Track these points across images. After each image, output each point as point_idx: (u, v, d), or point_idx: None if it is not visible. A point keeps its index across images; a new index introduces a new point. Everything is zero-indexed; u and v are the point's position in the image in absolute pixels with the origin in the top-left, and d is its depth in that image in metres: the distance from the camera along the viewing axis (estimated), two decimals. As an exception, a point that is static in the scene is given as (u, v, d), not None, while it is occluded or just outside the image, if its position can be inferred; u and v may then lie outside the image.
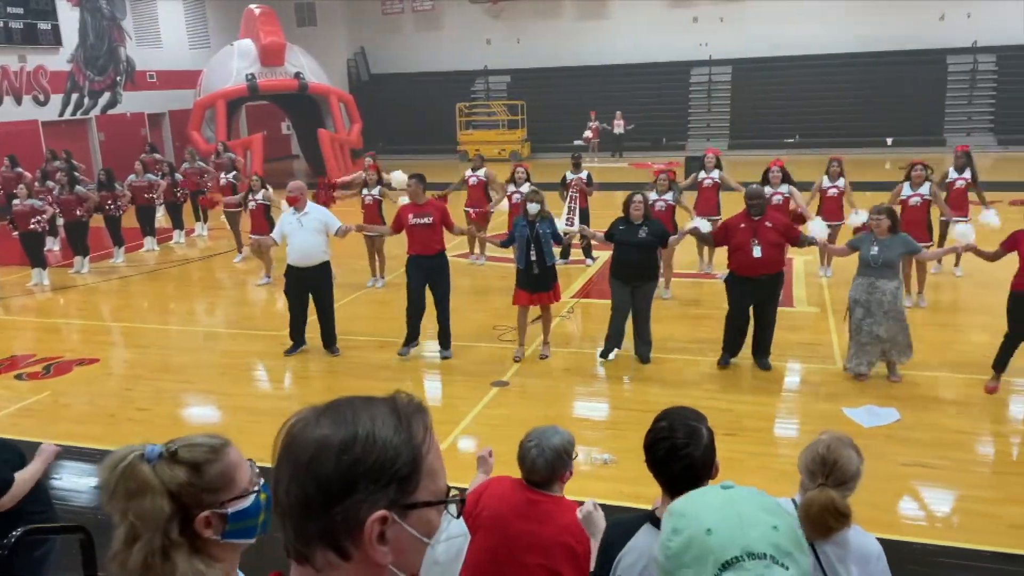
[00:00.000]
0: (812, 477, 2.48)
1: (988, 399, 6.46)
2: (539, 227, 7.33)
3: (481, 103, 27.86)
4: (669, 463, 2.18)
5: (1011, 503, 4.95)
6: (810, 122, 23.58)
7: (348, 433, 1.01)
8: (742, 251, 7.00)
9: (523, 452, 2.83)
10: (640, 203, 7.29)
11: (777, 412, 6.50)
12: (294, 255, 7.76)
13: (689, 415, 2.28)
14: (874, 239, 6.66)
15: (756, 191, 7.20)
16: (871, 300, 6.60)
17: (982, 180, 10.36)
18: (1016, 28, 23.00)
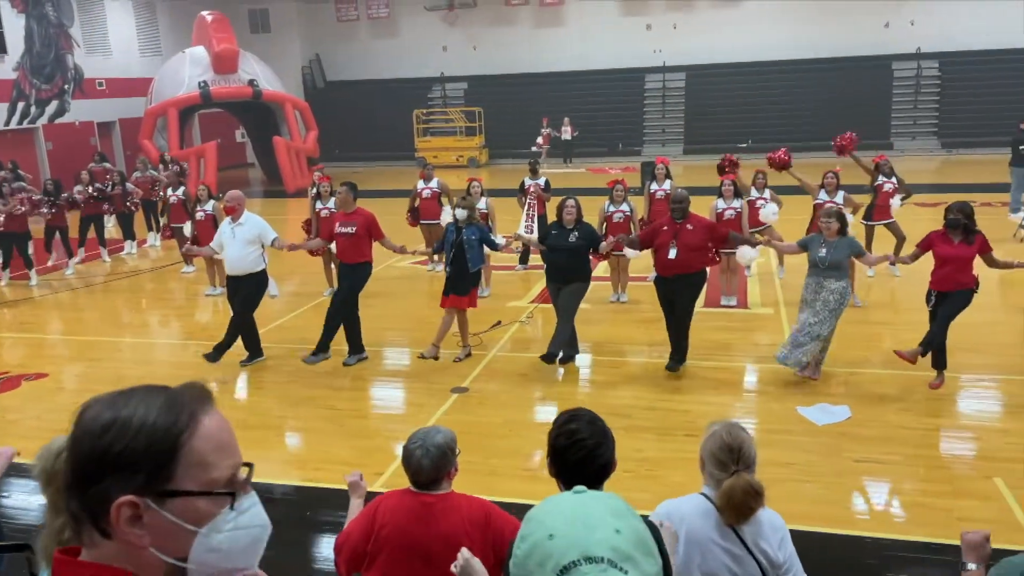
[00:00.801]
0: (723, 466, 2.55)
1: (932, 395, 6.63)
2: (464, 233, 7.38)
3: (438, 110, 27.82)
4: (583, 466, 2.21)
5: (959, 496, 5.09)
6: (762, 127, 24.02)
7: (110, 417, 1.04)
8: (661, 252, 7.17)
9: (407, 455, 2.84)
10: (572, 207, 7.38)
11: (733, 412, 6.58)
12: (228, 265, 7.78)
13: (593, 416, 2.33)
14: (823, 240, 6.81)
15: (680, 195, 7.36)
16: (817, 300, 6.75)
17: (927, 183, 10.66)
18: (958, 35, 23.73)
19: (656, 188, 10.30)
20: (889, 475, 5.40)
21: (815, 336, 6.74)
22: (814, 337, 6.74)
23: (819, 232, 6.96)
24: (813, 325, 6.72)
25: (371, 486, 5.51)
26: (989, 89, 22.97)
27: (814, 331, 6.72)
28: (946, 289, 6.51)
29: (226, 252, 7.73)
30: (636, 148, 25.55)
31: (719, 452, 2.58)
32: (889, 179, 9.96)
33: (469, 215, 7.54)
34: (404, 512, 2.84)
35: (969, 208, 6.54)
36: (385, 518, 2.85)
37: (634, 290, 10.07)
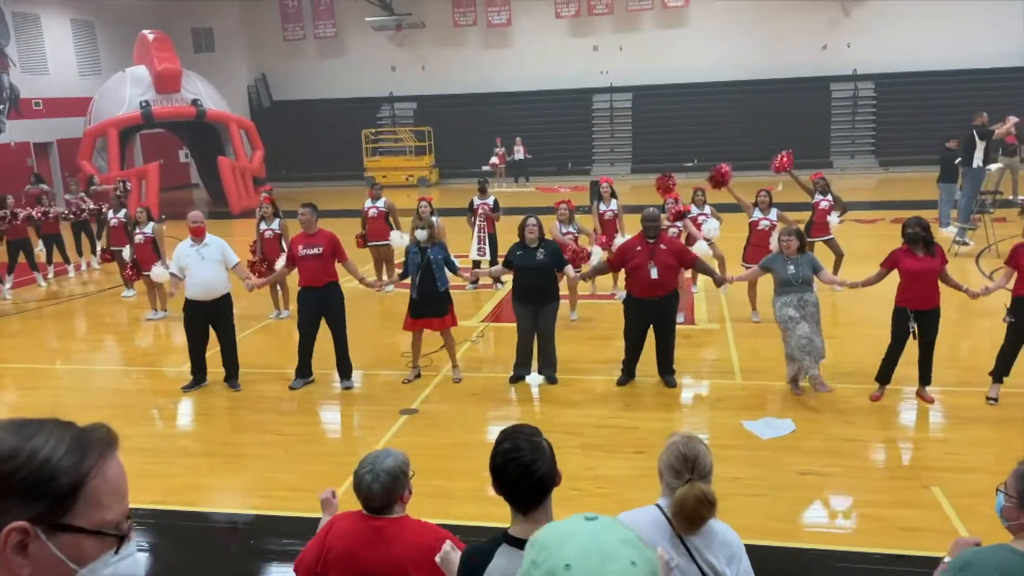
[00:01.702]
0: (678, 475, 2.61)
1: (872, 407, 6.80)
2: (430, 253, 7.35)
3: (387, 129, 27.76)
4: (520, 481, 2.24)
5: (899, 506, 5.22)
6: (707, 146, 24.51)
7: (17, 444, 1.06)
8: (639, 272, 7.19)
9: (358, 480, 2.83)
10: (534, 227, 7.42)
11: (682, 428, 6.65)
12: (196, 288, 7.49)
13: (529, 432, 2.36)
14: (787, 259, 6.97)
15: (653, 215, 7.42)
16: (805, 314, 6.89)
17: (866, 200, 10.99)
18: (892, 57, 24.64)
19: (604, 208, 10.41)
20: (832, 487, 5.51)
21: (821, 347, 6.90)
22: (815, 348, 6.88)
23: (779, 252, 7.10)
24: (816, 336, 6.87)
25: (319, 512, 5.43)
26: (922, 109, 23.86)
27: (818, 343, 6.89)
28: (926, 308, 6.57)
29: (195, 275, 7.46)
30: (585, 167, 25.84)
31: (675, 462, 2.64)
32: (825, 196, 10.26)
33: (431, 235, 7.48)
34: (354, 535, 2.82)
35: (925, 222, 6.71)
36: (335, 540, 2.83)
37: (584, 308, 10.15)
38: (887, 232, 13.66)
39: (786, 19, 25.22)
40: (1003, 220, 13.66)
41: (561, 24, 26.97)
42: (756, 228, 9.48)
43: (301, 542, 5.13)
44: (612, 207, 10.33)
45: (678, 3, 25.81)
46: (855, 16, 25.11)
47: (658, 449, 6.39)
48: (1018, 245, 6.68)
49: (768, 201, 9.49)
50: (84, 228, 14.18)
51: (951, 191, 13.68)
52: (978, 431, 6.26)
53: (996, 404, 6.71)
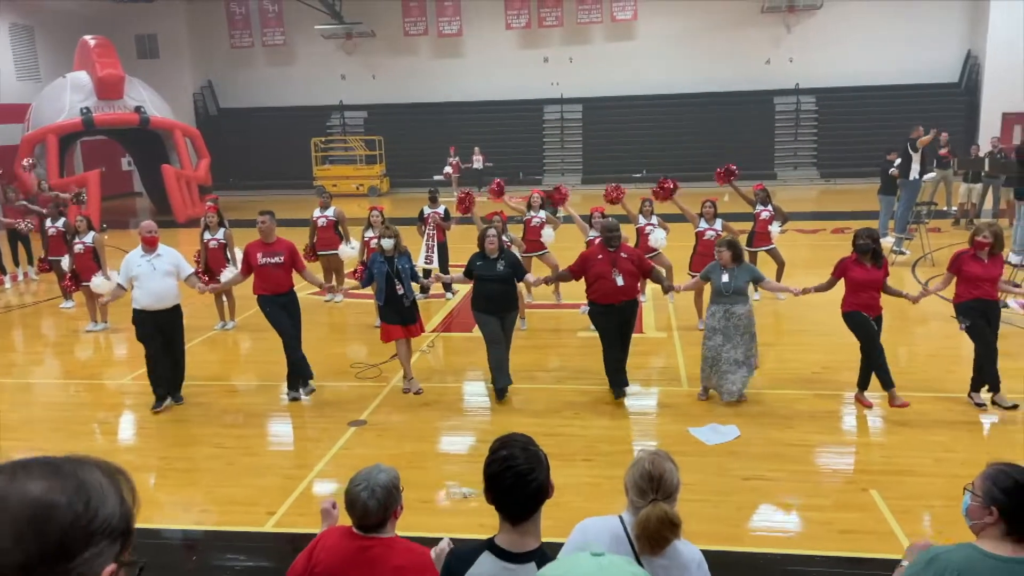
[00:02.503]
0: (643, 494, 2.59)
1: (815, 413, 6.95)
2: (398, 262, 7.32)
3: (337, 138, 27.55)
4: (516, 490, 2.21)
5: (840, 509, 5.34)
6: (655, 157, 24.91)
7: (78, 485, 1.04)
8: (603, 281, 7.26)
9: (353, 497, 2.76)
10: (494, 237, 7.44)
11: (629, 435, 6.73)
12: (147, 299, 7.29)
13: (525, 441, 2.34)
14: (724, 269, 7.10)
15: (612, 224, 7.52)
16: (728, 326, 7.00)
17: (808, 211, 11.24)
18: (832, 72, 25.38)
19: (531, 215, 10.46)
20: (775, 491, 5.62)
21: (737, 362, 6.99)
22: (737, 363, 6.98)
23: (714, 261, 7.25)
24: (730, 351, 6.97)
25: (264, 526, 5.34)
26: (862, 122, 24.61)
27: (731, 357, 6.98)
28: (871, 316, 6.83)
29: (146, 286, 7.25)
30: (537, 177, 25.99)
31: (640, 480, 2.62)
32: (766, 207, 10.50)
33: (396, 244, 7.43)
34: (340, 553, 2.75)
35: (876, 233, 6.93)
36: (320, 556, 2.76)
37: (532, 317, 10.19)
38: (828, 242, 14.05)
39: (731, 34, 25.80)
40: (937, 230, 14.16)
41: (512, 35, 27.14)
42: (702, 238, 9.66)
43: (247, 557, 5.05)
44: (540, 215, 10.40)
45: (626, 16, 26.20)
46: (797, 32, 25.81)
47: (607, 457, 6.47)
48: (959, 252, 6.94)
49: (713, 211, 9.68)
50: (20, 237, 13.72)
51: (890, 203, 14.12)
52: (914, 435, 6.45)
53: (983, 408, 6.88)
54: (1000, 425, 6.78)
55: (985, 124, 23.74)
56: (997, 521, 2.41)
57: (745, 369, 7.07)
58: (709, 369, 7.16)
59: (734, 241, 7.35)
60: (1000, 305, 8.32)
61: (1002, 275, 6.84)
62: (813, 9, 25.30)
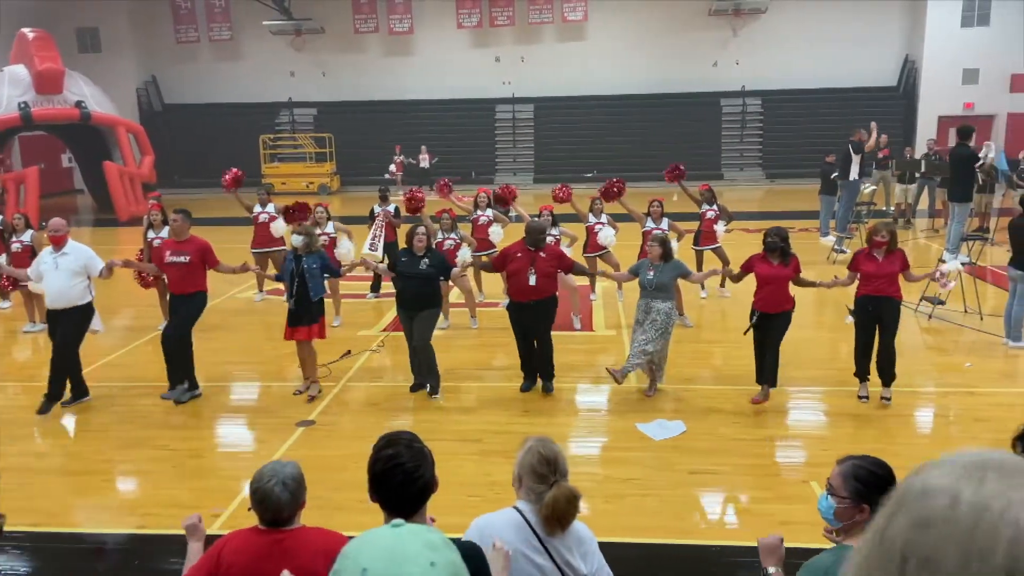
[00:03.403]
0: (542, 478, 2.69)
1: (759, 407, 7.12)
2: (305, 262, 7.25)
3: (286, 135, 27.17)
4: (405, 488, 2.24)
5: (781, 501, 5.48)
6: (606, 157, 25.13)
7: None
8: (517, 278, 7.35)
9: (263, 494, 2.72)
10: (423, 235, 7.42)
11: (577, 432, 6.80)
12: (49, 297, 7.18)
13: (410, 438, 2.37)
14: (651, 265, 7.23)
15: (541, 226, 7.61)
16: (646, 319, 7.17)
17: (753, 211, 11.46)
18: (777, 75, 25.93)
19: (479, 214, 10.49)
20: (720, 485, 5.74)
21: (646, 353, 7.13)
22: (642, 353, 7.13)
23: (647, 257, 7.37)
24: (644, 343, 7.12)
25: (210, 528, 5.21)
26: (805, 125, 25.21)
27: (645, 348, 7.12)
28: (772, 311, 7.00)
29: (47, 284, 7.12)
30: (489, 176, 26.00)
31: (538, 465, 2.70)
32: (711, 207, 10.69)
33: (308, 242, 7.35)
34: (252, 551, 2.71)
35: (785, 232, 7.12)
36: (231, 559, 2.72)
37: (480, 315, 10.20)
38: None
39: (679, 36, 26.17)
40: (876, 230, 14.55)
41: (463, 34, 27.10)
42: (649, 237, 9.77)
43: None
44: (488, 213, 10.44)
45: (577, 17, 26.39)
46: (743, 35, 26.31)
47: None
48: (857, 252, 7.20)
49: (660, 211, 9.82)
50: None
51: (831, 203, 14.49)
52: (851, 427, 6.65)
53: (866, 401, 7.13)
54: (937, 419, 7.04)
55: (922, 127, 24.55)
56: (869, 516, 2.44)
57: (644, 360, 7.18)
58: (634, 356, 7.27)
59: (666, 239, 7.50)
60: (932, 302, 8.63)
61: (903, 271, 7.03)
62: (759, 13, 25.81)
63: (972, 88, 24.46)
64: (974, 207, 14.69)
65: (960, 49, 24.10)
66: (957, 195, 12.34)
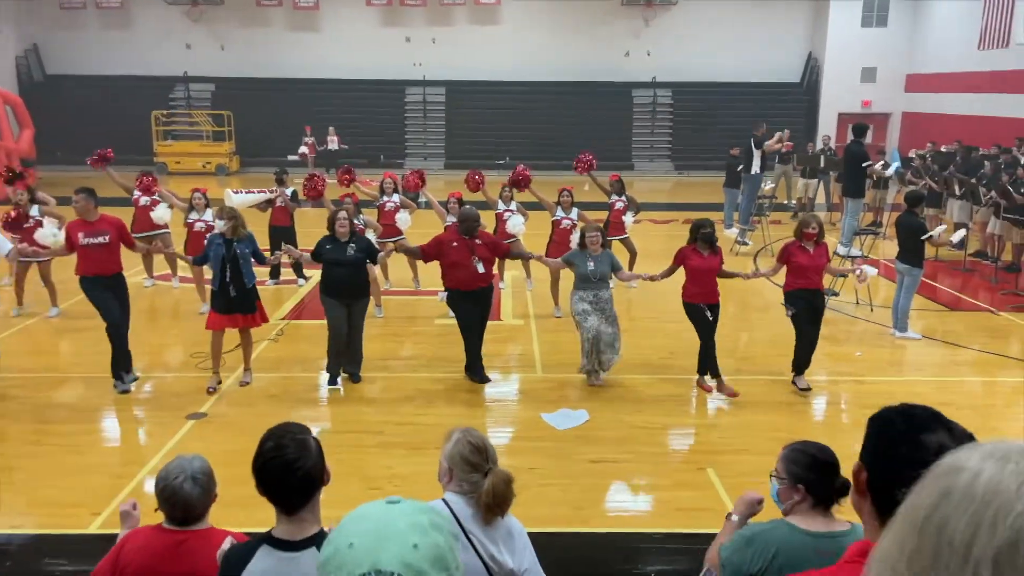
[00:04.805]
0: (476, 467, 2.72)
1: (662, 396, 7.34)
2: (236, 247, 7.05)
3: (182, 112, 26.12)
4: (284, 479, 2.22)
5: (679, 488, 5.69)
6: (519, 145, 25.23)
7: None
8: (461, 267, 7.33)
9: (173, 489, 2.67)
10: (345, 220, 7.33)
11: (483, 422, 6.85)
12: None
13: (295, 429, 2.35)
14: (589, 255, 7.32)
15: (472, 213, 7.59)
16: (599, 309, 7.28)
17: (662, 202, 11.75)
18: (686, 67, 26.62)
19: (385, 199, 10.40)
20: (621, 473, 5.90)
21: (612, 343, 7.27)
22: (611, 344, 7.26)
23: (581, 248, 7.45)
24: (609, 334, 7.24)
25: (88, 528, 5.04)
26: (713, 118, 25.97)
27: (609, 339, 7.24)
28: (711, 302, 7.24)
29: None
30: (399, 161, 25.72)
31: (470, 454, 2.72)
32: (620, 197, 10.92)
33: (235, 226, 7.12)
34: (152, 551, 2.64)
35: (712, 223, 7.36)
36: (130, 556, 2.64)
37: (386, 304, 10.12)
38: (679, 232, 14.76)
39: (592, 24, 26.50)
40: (778, 223, 15.19)
41: (372, 12, 26.64)
42: (558, 227, 9.91)
43: (68, 562, 4.75)
44: (395, 199, 10.36)
45: (490, 0, 26.34)
46: (654, 26, 26.86)
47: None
48: (787, 244, 7.50)
49: (570, 201, 9.96)
50: None
51: (735, 196, 15.02)
52: (748, 416, 6.95)
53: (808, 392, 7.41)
54: (828, 406, 7.43)
55: (823, 123, 25.72)
56: (804, 497, 2.63)
57: (613, 349, 7.36)
58: (592, 349, 7.33)
59: (602, 228, 7.65)
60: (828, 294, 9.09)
61: (827, 264, 7.46)
62: (670, 4, 26.40)
63: (870, 86, 25.76)
64: (868, 202, 15.55)
65: (859, 48, 25.32)
66: (851, 190, 13.01)
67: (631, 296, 10.94)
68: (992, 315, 10.22)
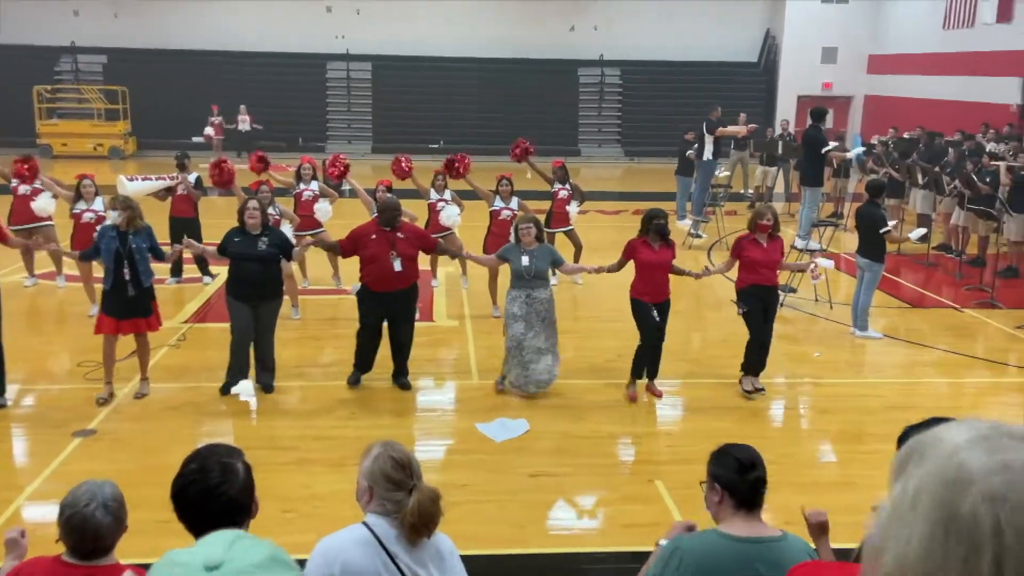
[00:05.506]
0: (400, 484, 2.71)
1: (605, 403, 7.43)
2: (132, 240, 6.87)
3: (69, 87, 25.33)
4: (205, 505, 2.20)
5: (625, 502, 5.77)
6: (454, 127, 25.21)
7: None
8: (377, 263, 7.24)
9: (82, 518, 2.60)
10: (256, 211, 7.22)
11: (410, 435, 6.83)
12: None
13: (222, 452, 2.34)
14: (523, 250, 7.31)
15: (394, 203, 7.52)
16: (530, 312, 7.25)
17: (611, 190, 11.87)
18: (637, 44, 26.94)
19: (302, 188, 10.29)
20: (562, 488, 5.95)
21: (540, 350, 7.24)
22: (541, 351, 7.23)
23: (516, 242, 7.44)
24: (532, 339, 7.21)
25: (-45, 564, 4.85)
26: (665, 99, 26.36)
27: (534, 344, 7.22)
28: (659, 300, 7.30)
29: None
30: (320, 144, 25.41)
31: (393, 471, 2.71)
32: (564, 185, 10.99)
33: (130, 218, 6.93)
34: None
35: (666, 213, 7.43)
36: None
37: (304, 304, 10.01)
38: (629, 224, 14.96)
39: (534, -5, 26.57)
40: (734, 214, 15.51)
41: (288, -23, 26.24)
42: (497, 217, 9.93)
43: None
44: (313, 187, 10.26)
45: (421, -33, 26.21)
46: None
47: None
48: (740, 237, 7.66)
49: (509, 189, 9.98)
50: None
51: (687, 184, 15.28)
52: (699, 422, 7.09)
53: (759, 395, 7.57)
54: (786, 410, 7.63)
55: (782, 106, 26.35)
56: (724, 499, 2.76)
57: (551, 356, 7.37)
58: (511, 359, 7.38)
59: (538, 219, 7.64)
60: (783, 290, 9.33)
61: (783, 259, 7.65)
62: (618, -26, 26.68)
63: (831, 68, 26.48)
64: (829, 192, 16.00)
65: (820, 27, 25.99)
66: (809, 178, 13.37)
67: (576, 293, 11.05)
68: (956, 312, 10.63)
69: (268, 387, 7.48)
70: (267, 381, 7.50)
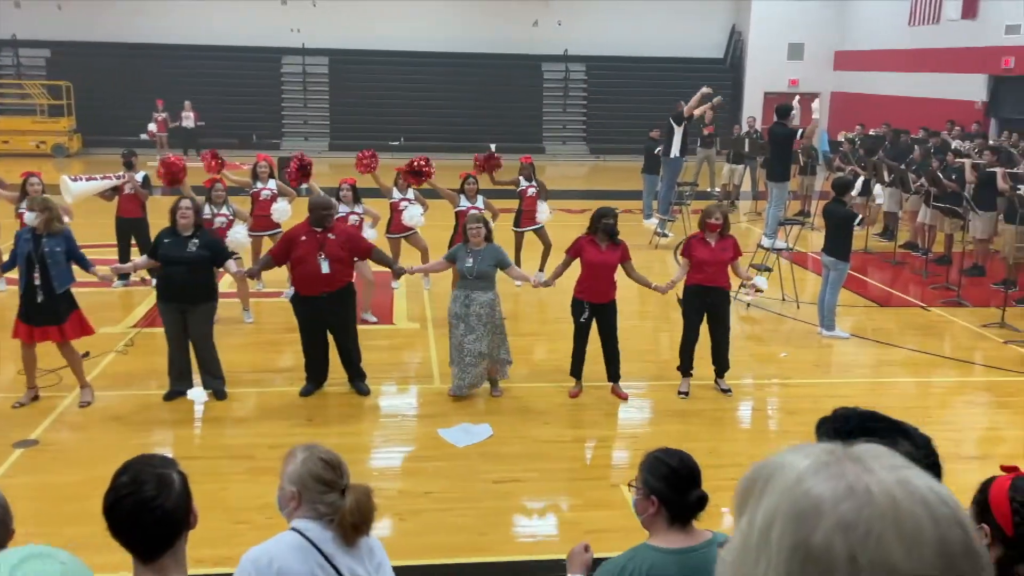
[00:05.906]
0: (331, 485, 2.71)
1: (571, 407, 7.46)
2: (46, 243, 6.76)
3: (10, 82, 24.87)
4: (138, 520, 2.17)
5: (589, 508, 5.80)
6: (414, 124, 25.12)
7: None
8: (305, 265, 7.15)
9: None
10: (188, 210, 7.09)
11: (372, 441, 6.80)
12: None
13: (156, 462, 2.31)
14: (469, 250, 7.28)
15: (325, 201, 7.45)
16: (469, 314, 7.20)
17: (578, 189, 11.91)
18: (602, 39, 27.07)
19: (259, 187, 10.18)
20: (526, 493, 5.96)
21: (478, 354, 7.20)
22: (478, 356, 7.20)
23: (464, 242, 7.41)
24: (473, 343, 7.17)
25: None
26: (631, 95, 26.51)
27: (475, 349, 7.18)
28: (603, 301, 7.32)
29: None
30: (274, 141, 25.18)
31: (324, 472, 2.70)
32: (531, 183, 11.00)
33: (47, 220, 6.79)
34: None
35: (616, 212, 7.45)
36: None
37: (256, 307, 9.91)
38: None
39: (496, -12, 26.59)
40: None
41: (240, -32, 25.97)
42: (463, 217, 9.86)
43: None
44: (271, 186, 10.16)
45: (380, -41, 26.08)
46: (566, -8, 27.20)
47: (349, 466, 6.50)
48: (690, 236, 7.75)
49: (475, 188, 9.96)
50: None
51: (654, 182, 15.37)
52: (666, 425, 7.15)
53: (687, 397, 7.67)
54: (753, 412, 7.71)
55: (748, 102, 26.64)
56: (659, 510, 2.72)
57: (488, 362, 7.35)
58: (452, 362, 7.41)
59: (487, 220, 7.62)
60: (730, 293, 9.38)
61: (735, 259, 7.62)
62: (583, -32, 26.77)
63: (798, 64, 26.83)
64: (796, 190, 16.20)
65: (786, 22, 26.32)
66: (776, 174, 13.53)
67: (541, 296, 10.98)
68: (923, 311, 10.82)
69: (220, 393, 7.38)
70: (217, 387, 7.39)
